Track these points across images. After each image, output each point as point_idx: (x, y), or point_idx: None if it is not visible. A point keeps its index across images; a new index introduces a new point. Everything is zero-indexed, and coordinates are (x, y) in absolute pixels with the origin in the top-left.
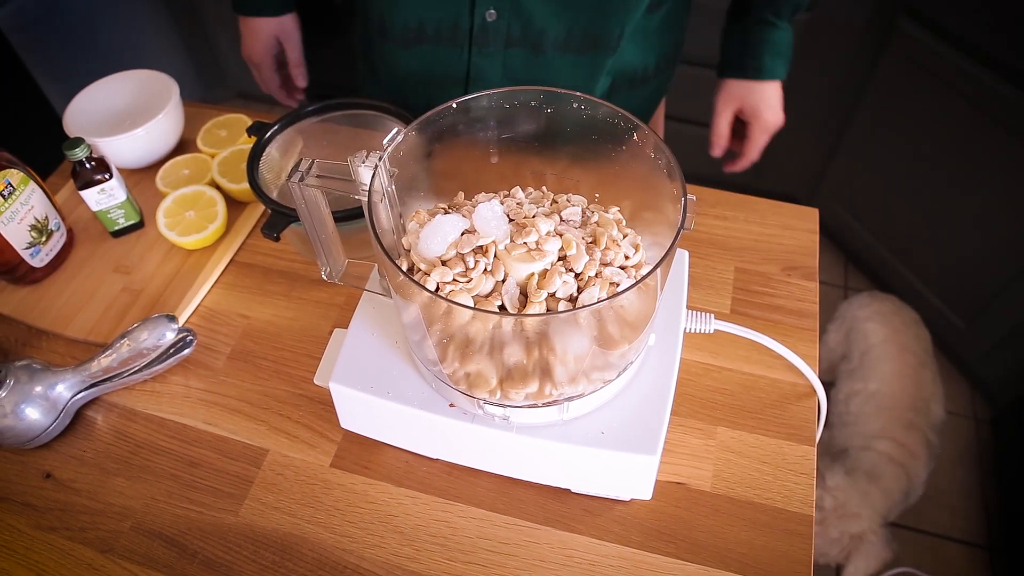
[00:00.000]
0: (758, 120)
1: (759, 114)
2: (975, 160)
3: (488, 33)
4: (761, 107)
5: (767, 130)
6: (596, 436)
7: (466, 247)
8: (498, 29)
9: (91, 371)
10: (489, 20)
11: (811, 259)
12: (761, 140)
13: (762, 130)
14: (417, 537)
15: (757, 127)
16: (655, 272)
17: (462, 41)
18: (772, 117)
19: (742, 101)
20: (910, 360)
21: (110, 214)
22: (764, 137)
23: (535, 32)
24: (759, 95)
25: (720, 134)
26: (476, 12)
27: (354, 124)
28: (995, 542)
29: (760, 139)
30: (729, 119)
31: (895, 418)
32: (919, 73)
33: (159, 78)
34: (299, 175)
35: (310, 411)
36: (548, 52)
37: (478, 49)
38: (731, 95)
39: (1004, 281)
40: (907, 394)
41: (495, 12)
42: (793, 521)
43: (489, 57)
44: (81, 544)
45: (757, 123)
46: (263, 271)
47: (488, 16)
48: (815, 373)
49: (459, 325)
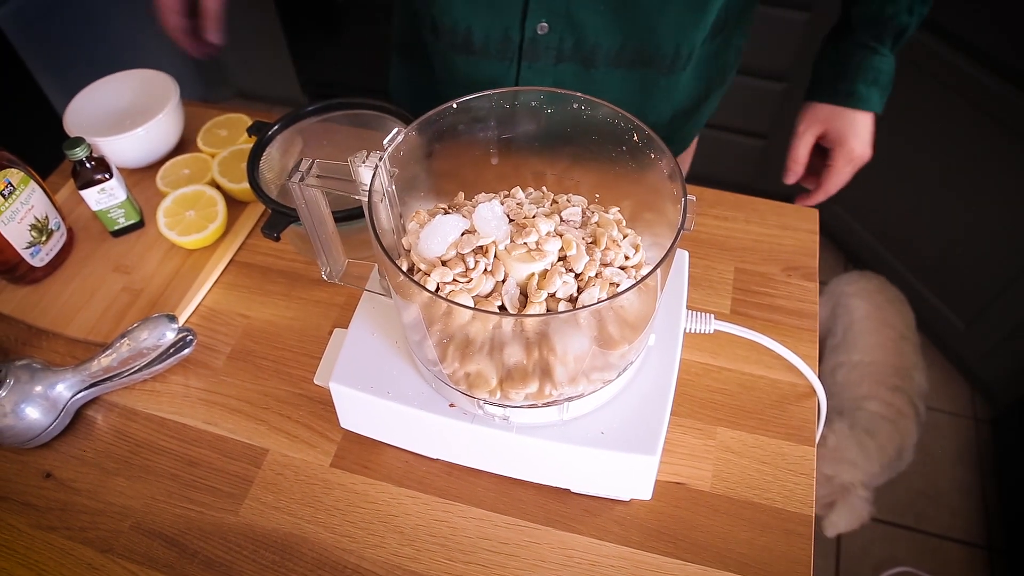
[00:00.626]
0: (843, 147)
1: (845, 141)
2: (976, 161)
3: (539, 47)
4: (848, 134)
5: (852, 160)
6: (596, 436)
7: (466, 247)
8: (549, 43)
9: (91, 371)
10: (540, 33)
11: (811, 259)
12: (844, 171)
13: (847, 160)
14: (417, 537)
15: (841, 155)
16: (655, 272)
17: (512, 54)
18: (860, 147)
19: (827, 125)
20: (891, 334)
21: (110, 214)
22: (848, 169)
23: (587, 47)
24: (847, 121)
25: (797, 159)
26: (527, 24)
27: (354, 124)
28: (995, 542)
29: (843, 170)
30: (809, 144)
31: (880, 382)
32: (919, 74)
33: (159, 78)
34: (299, 175)
35: (310, 411)
36: (600, 67)
37: (528, 64)
38: (816, 118)
39: (1004, 281)
40: (889, 363)
41: (547, 25)
42: (793, 521)
43: (539, 72)
44: (81, 544)
45: (842, 151)
46: (263, 271)
47: (540, 29)
48: (815, 373)
49: (459, 325)
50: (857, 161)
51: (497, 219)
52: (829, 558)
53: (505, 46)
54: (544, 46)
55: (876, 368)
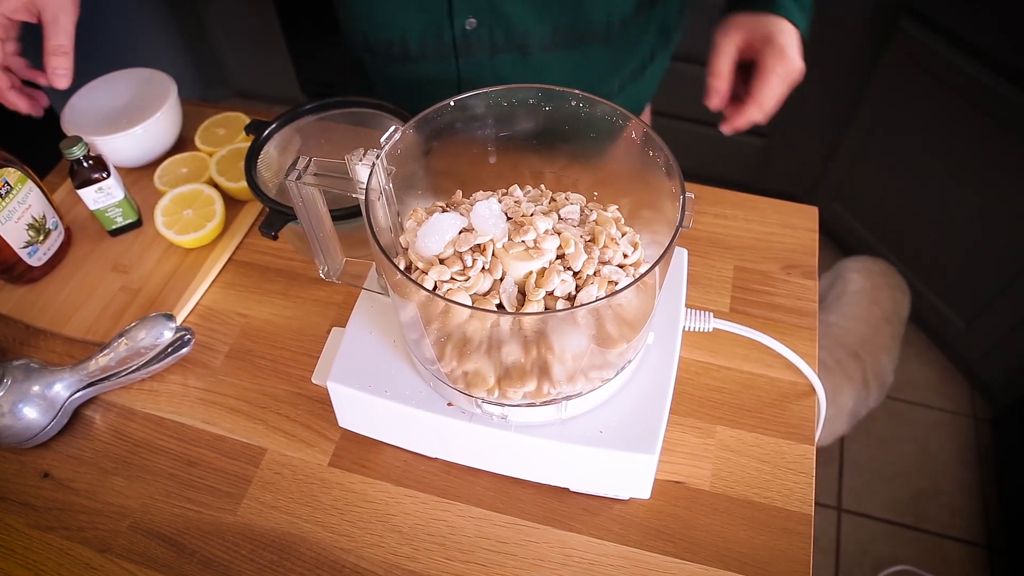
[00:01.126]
0: (773, 45)
1: (773, 39)
2: (975, 159)
3: (471, 42)
4: (775, 33)
5: (784, 60)
6: (594, 435)
7: (464, 245)
8: (481, 36)
9: (89, 370)
10: (470, 28)
11: (811, 258)
12: (777, 74)
13: (779, 57)
14: (416, 536)
15: (772, 53)
16: (653, 270)
17: (447, 53)
18: (791, 51)
19: (750, 31)
20: (876, 312)
21: (108, 213)
22: (781, 72)
23: (518, 35)
24: (774, 25)
25: (718, 73)
26: (455, 22)
27: (352, 122)
28: (995, 541)
29: (776, 72)
30: (731, 55)
31: (841, 344)
32: (920, 72)
33: (157, 76)
34: (296, 173)
35: (308, 410)
36: (535, 53)
37: (465, 60)
38: (736, 26)
39: (1005, 280)
40: (861, 334)
41: (475, 20)
42: (792, 520)
43: (477, 66)
44: (79, 544)
45: (772, 49)
46: (261, 270)
47: (468, 25)
48: (815, 372)
49: (457, 324)
50: (790, 66)
51: (495, 217)
52: (829, 556)
53: (440, 46)
54: (476, 40)
55: (844, 332)
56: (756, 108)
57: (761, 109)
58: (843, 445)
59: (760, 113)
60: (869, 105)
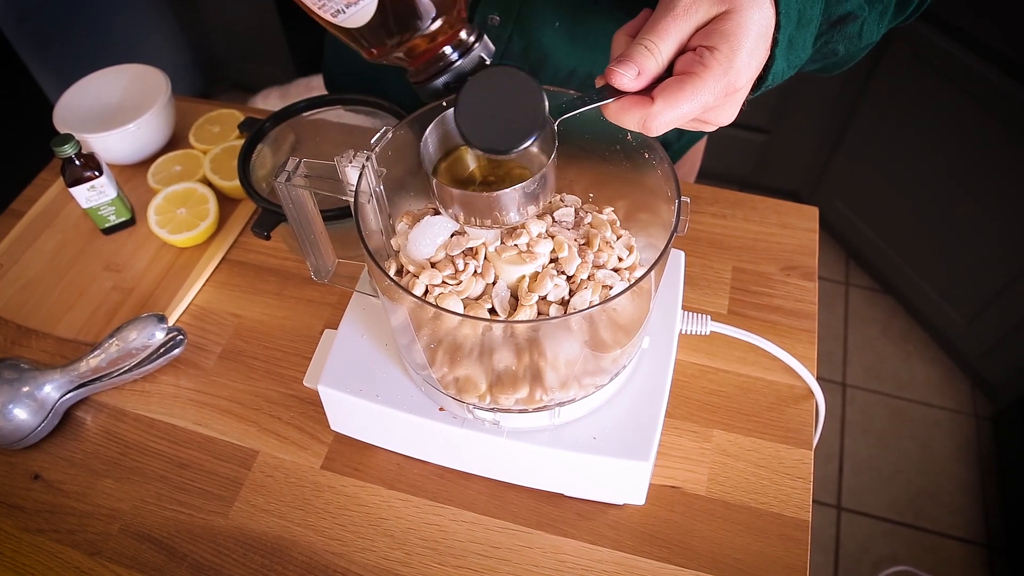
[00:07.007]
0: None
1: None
2: (978, 157)
3: None
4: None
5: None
6: (588, 441)
7: (456, 249)
8: (499, 36)
9: (80, 371)
10: (491, 24)
11: (810, 259)
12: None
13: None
14: (408, 540)
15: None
16: (648, 275)
17: None
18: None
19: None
20: None
21: (100, 211)
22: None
23: (536, 55)
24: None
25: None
26: (478, 13)
27: (347, 120)
28: (995, 540)
29: (711, 68)
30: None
31: None
32: (922, 69)
33: (151, 73)
34: (286, 175)
35: (301, 412)
36: (545, 81)
37: None
38: None
39: (1006, 278)
40: None
41: (499, 18)
42: (789, 526)
43: None
44: (69, 547)
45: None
46: (255, 269)
47: (491, 21)
48: (813, 375)
49: (447, 330)
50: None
51: None
52: (828, 555)
53: None
54: (493, 38)
55: None
56: (667, 106)
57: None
58: (843, 443)
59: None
60: (871, 102)
